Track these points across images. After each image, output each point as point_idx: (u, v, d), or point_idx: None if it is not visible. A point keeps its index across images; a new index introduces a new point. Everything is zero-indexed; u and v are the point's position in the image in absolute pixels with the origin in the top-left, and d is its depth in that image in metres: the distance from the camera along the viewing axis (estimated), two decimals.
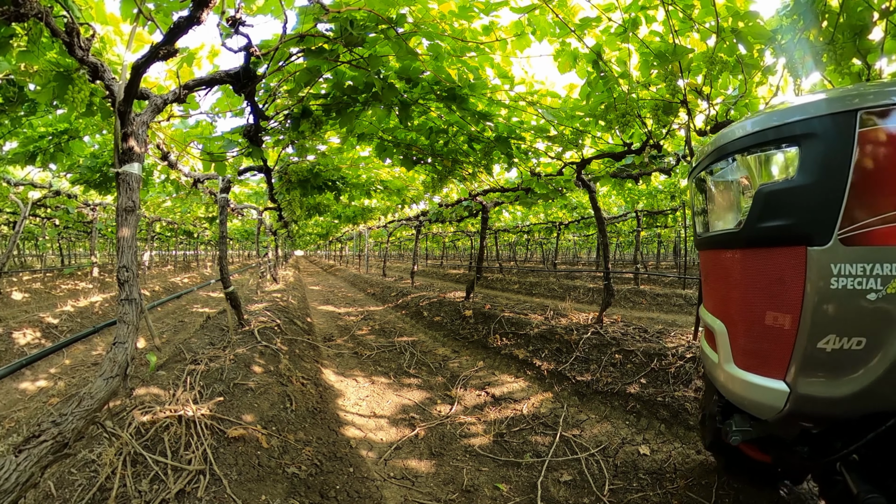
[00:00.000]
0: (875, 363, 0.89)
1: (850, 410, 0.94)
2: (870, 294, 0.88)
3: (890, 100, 0.89)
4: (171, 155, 3.89)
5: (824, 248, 0.91)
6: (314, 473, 2.06)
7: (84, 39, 1.78)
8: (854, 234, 0.88)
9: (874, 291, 0.87)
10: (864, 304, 0.89)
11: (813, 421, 1.03)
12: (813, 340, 0.93)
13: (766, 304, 1.00)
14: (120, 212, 1.74)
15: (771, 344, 0.99)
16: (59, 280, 11.47)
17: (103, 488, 1.66)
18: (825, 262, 0.91)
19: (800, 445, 1.11)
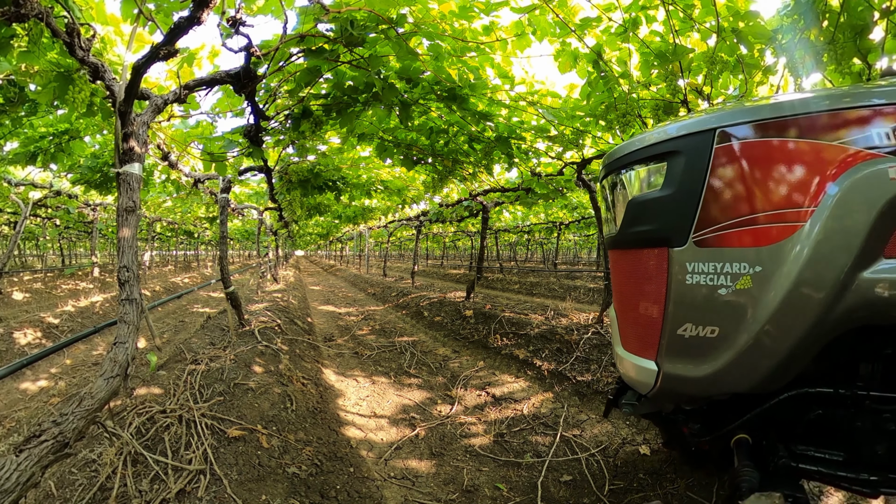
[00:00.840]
0: (727, 350, 1.01)
1: (708, 389, 1.08)
2: (721, 289, 1.00)
3: (744, 119, 1.00)
4: (171, 155, 3.89)
5: (682, 249, 1.04)
6: (314, 473, 2.06)
7: (85, 40, 1.78)
8: (706, 237, 1.01)
9: (725, 287, 1.00)
10: (716, 298, 1.01)
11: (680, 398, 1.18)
12: (674, 328, 1.07)
13: (640, 297, 1.15)
14: (120, 212, 1.74)
15: (644, 330, 1.14)
16: (60, 280, 11.48)
17: (104, 488, 1.66)
18: (682, 261, 1.04)
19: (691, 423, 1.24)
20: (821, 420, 1.12)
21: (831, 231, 0.91)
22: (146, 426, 2.03)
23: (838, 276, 0.90)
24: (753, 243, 0.97)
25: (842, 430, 1.10)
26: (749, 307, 0.99)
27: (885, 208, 0.87)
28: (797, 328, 0.95)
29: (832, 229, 0.91)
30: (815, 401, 1.12)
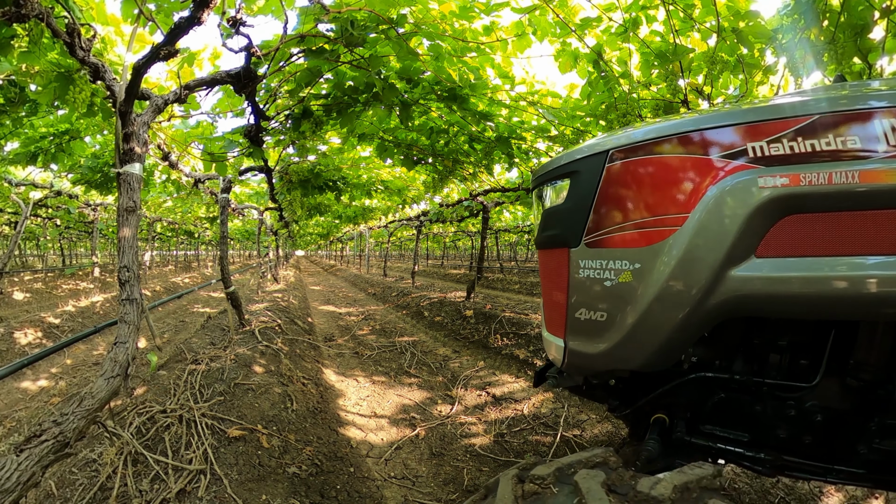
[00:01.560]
0: (614, 332, 1.18)
1: (604, 364, 1.25)
2: (606, 282, 1.18)
3: (630, 141, 1.14)
4: (171, 155, 3.90)
5: (577, 249, 1.25)
6: (315, 473, 2.06)
7: (85, 40, 1.78)
8: (594, 240, 1.21)
9: (609, 280, 1.17)
10: (603, 289, 1.19)
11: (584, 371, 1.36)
12: (573, 312, 1.27)
13: (553, 287, 1.38)
14: (121, 212, 1.74)
15: (556, 313, 1.35)
16: (61, 280, 11.49)
17: (104, 487, 1.66)
18: (577, 259, 1.25)
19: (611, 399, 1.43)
20: (724, 403, 1.25)
21: (702, 234, 1.03)
22: (146, 426, 2.03)
23: (708, 273, 1.02)
24: (633, 244, 1.13)
25: (744, 414, 1.23)
26: (630, 297, 1.14)
27: (754, 213, 0.97)
28: (673, 316, 1.08)
29: (703, 233, 1.03)
30: (718, 385, 1.25)
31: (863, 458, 1.09)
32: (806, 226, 0.95)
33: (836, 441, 1.15)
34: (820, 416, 1.13)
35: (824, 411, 1.13)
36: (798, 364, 1.16)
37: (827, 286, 0.93)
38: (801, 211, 0.95)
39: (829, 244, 0.93)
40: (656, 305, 1.09)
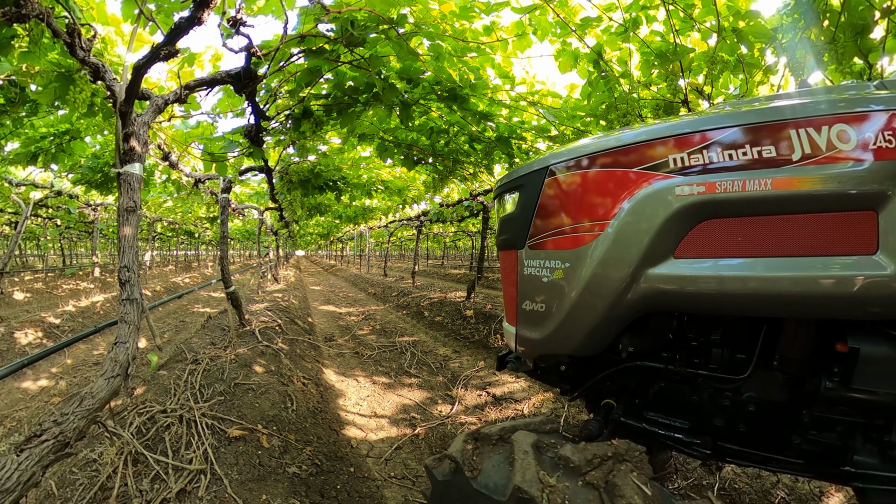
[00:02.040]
0: (551, 320, 1.34)
1: (543, 349, 1.42)
2: (543, 278, 1.34)
3: (565, 158, 1.29)
4: (172, 155, 3.90)
5: (522, 251, 1.43)
6: (315, 473, 2.06)
7: (85, 40, 1.78)
8: (534, 243, 1.38)
9: (546, 277, 1.33)
10: (541, 284, 1.35)
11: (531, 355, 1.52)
12: (521, 303, 1.46)
13: (508, 283, 1.56)
14: (121, 212, 1.74)
15: (511, 305, 1.55)
16: (61, 280, 11.50)
17: (104, 487, 1.66)
18: (523, 259, 1.43)
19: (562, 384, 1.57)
20: (664, 392, 1.38)
21: (620, 238, 1.14)
22: (147, 426, 2.03)
23: (627, 271, 1.13)
24: (564, 247, 1.29)
25: (683, 402, 1.34)
26: (562, 291, 1.29)
27: (671, 218, 1.05)
28: (597, 309, 1.22)
29: (621, 237, 1.14)
30: (656, 374, 1.36)
31: (799, 449, 1.16)
32: (722, 229, 1.03)
33: (771, 431, 1.23)
34: (753, 407, 1.21)
35: (757, 403, 1.21)
36: (732, 357, 1.23)
37: (740, 285, 1.00)
38: (717, 216, 1.03)
39: (744, 247, 1.00)
40: (583, 299, 1.25)
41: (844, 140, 0.90)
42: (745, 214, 1.00)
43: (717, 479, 2.10)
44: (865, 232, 0.89)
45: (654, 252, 1.09)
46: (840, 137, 0.90)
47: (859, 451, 1.08)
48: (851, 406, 1.05)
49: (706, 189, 1.01)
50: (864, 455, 1.07)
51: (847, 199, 0.90)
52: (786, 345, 1.13)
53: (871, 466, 1.05)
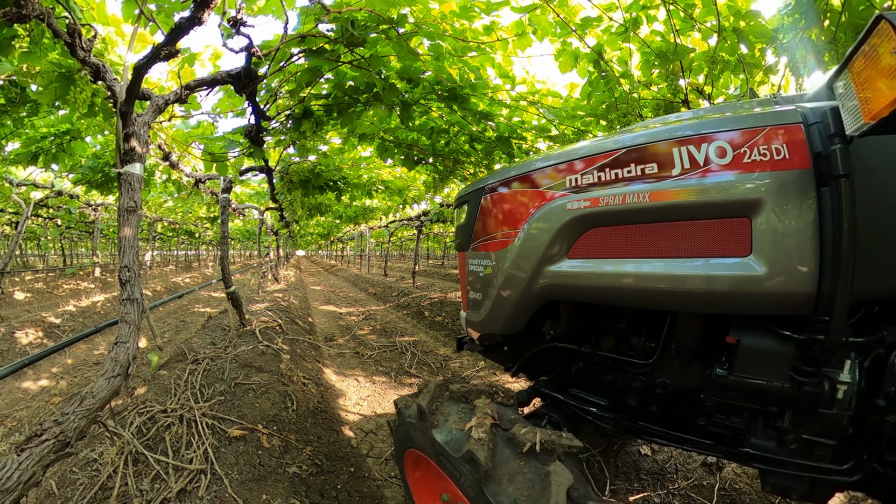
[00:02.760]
0: (485, 306, 1.62)
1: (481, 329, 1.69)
2: (480, 273, 1.64)
3: (495, 179, 1.58)
4: (172, 155, 3.90)
5: (468, 252, 1.75)
6: (315, 473, 2.06)
7: (86, 40, 1.78)
8: (475, 246, 1.68)
9: (481, 272, 1.63)
10: (479, 277, 1.64)
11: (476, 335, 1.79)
12: (468, 293, 1.77)
13: (462, 277, 1.88)
14: (122, 212, 1.74)
15: (463, 295, 1.87)
16: (62, 280, 11.51)
17: (105, 487, 1.66)
18: (468, 258, 1.75)
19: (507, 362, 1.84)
20: (584, 371, 1.59)
21: (527, 242, 1.37)
22: (147, 426, 2.04)
23: (531, 268, 1.36)
24: (492, 249, 1.57)
25: (599, 382, 1.54)
26: (491, 283, 1.56)
27: (563, 227, 1.26)
28: (512, 297, 1.46)
29: (528, 241, 1.37)
30: (576, 356, 1.58)
31: (704, 430, 1.30)
32: (605, 235, 1.20)
33: (680, 413, 1.38)
34: (661, 391, 1.35)
35: (665, 386, 1.35)
36: (641, 344, 1.42)
37: (619, 281, 1.16)
38: (601, 225, 1.20)
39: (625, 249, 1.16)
40: (502, 290, 1.51)
41: (721, 155, 0.99)
42: (625, 223, 1.15)
43: (717, 479, 2.10)
44: (740, 236, 0.97)
45: (551, 253, 1.31)
46: (718, 153, 1.00)
47: (756, 435, 1.18)
48: (739, 392, 1.16)
49: (591, 203, 1.19)
50: (761, 439, 1.17)
51: (723, 208, 0.99)
52: (681, 335, 1.26)
53: (767, 450, 1.14)
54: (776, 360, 1.04)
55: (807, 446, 1.08)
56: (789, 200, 0.93)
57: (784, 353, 1.03)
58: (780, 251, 0.93)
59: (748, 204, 0.95)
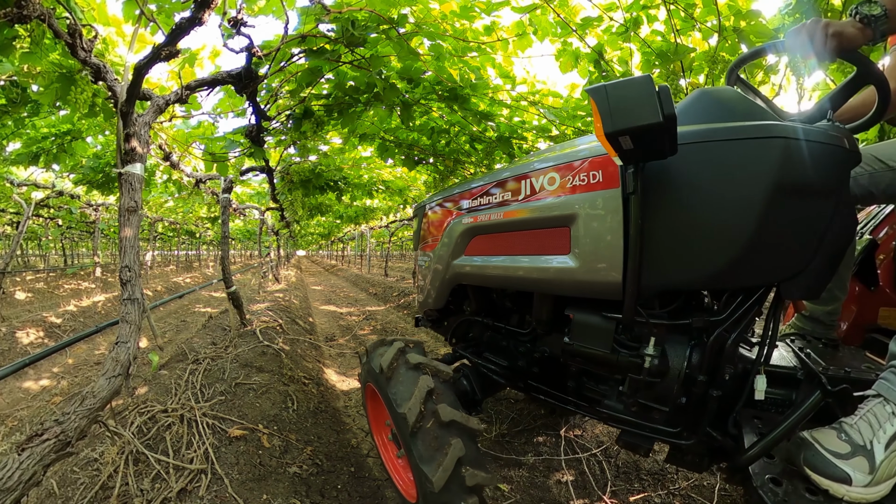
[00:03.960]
0: (427, 289, 2.07)
1: (425, 306, 2.17)
2: (423, 265, 2.14)
3: (431, 201, 2.06)
4: (173, 155, 3.90)
5: (418, 252, 2.25)
6: (315, 473, 2.06)
7: (86, 41, 1.79)
8: (420, 247, 2.20)
9: (423, 265, 2.13)
10: (422, 269, 2.14)
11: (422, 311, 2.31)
12: (418, 281, 2.30)
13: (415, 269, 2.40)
14: (122, 212, 1.74)
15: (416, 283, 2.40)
16: (62, 280, 11.53)
17: (105, 487, 1.67)
18: (417, 256, 2.29)
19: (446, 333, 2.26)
20: (490, 339, 1.99)
21: (443, 245, 1.83)
22: (148, 425, 2.04)
23: (445, 262, 1.81)
24: (427, 249, 2.06)
25: (499, 347, 1.90)
26: (429, 273, 2.01)
27: (461, 235, 1.70)
28: (436, 282, 1.93)
29: (444, 244, 1.83)
30: (483, 327, 1.99)
31: (574, 392, 1.55)
32: (483, 240, 1.63)
33: (556, 375, 1.64)
34: (538, 355, 1.67)
35: (540, 351, 1.66)
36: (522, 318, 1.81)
37: (492, 270, 1.56)
38: (481, 234, 1.63)
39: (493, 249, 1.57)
40: (432, 277, 1.96)
41: (551, 183, 1.30)
42: (493, 232, 1.56)
43: (717, 479, 2.10)
44: (562, 240, 1.26)
45: (456, 252, 1.75)
46: (549, 182, 1.31)
47: (609, 398, 1.41)
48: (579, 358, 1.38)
49: (474, 220, 1.64)
50: (612, 401, 1.40)
51: (549, 221, 1.30)
52: (538, 311, 1.59)
53: (617, 411, 1.36)
54: (600, 332, 1.30)
55: (645, 410, 1.29)
56: (599, 213, 1.16)
57: (605, 328, 1.28)
58: (588, 251, 1.19)
59: (567, 217, 1.24)
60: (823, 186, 1.02)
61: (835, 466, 0.95)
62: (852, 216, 1.09)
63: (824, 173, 1.01)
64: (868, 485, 0.93)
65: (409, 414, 1.43)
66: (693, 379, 1.17)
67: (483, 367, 1.87)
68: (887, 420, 0.94)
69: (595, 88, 0.92)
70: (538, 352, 1.66)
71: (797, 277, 1.06)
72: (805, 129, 0.99)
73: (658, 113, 0.85)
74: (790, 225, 1.02)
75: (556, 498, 2.10)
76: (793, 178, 0.98)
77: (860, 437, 0.96)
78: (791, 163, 0.97)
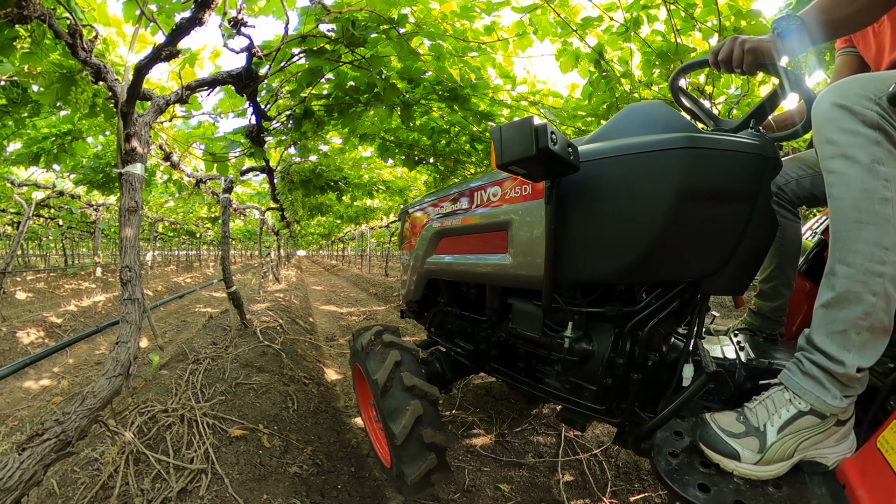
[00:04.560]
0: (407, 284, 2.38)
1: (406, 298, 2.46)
2: (405, 263, 2.45)
3: (411, 207, 2.36)
4: (173, 155, 3.90)
5: (402, 251, 2.57)
6: (316, 473, 2.06)
7: (87, 41, 1.79)
8: (403, 247, 2.54)
9: (405, 262, 2.45)
10: (405, 266, 2.45)
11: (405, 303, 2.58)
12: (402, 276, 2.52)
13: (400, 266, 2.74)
14: (123, 212, 1.74)
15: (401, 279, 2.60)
16: (63, 280, 11.54)
17: (106, 486, 1.67)
18: (401, 255, 2.59)
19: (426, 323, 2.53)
20: (459, 326, 2.22)
21: (419, 245, 2.09)
22: (148, 425, 2.04)
23: (420, 260, 2.08)
24: (407, 249, 2.36)
25: (466, 333, 2.14)
26: (408, 269, 2.34)
27: (432, 237, 1.97)
28: (414, 277, 2.22)
29: (419, 245, 2.09)
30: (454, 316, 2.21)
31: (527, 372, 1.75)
32: (448, 242, 1.89)
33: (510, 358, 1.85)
34: (495, 339, 1.89)
35: (496, 337, 1.89)
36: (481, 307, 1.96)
37: (454, 266, 1.81)
38: (446, 237, 1.90)
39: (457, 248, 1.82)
40: (412, 272, 2.23)
41: (494, 195, 1.56)
42: (454, 235, 1.83)
43: None
44: (502, 242, 1.49)
45: (429, 251, 2.01)
46: (493, 194, 1.57)
47: (549, 377, 1.63)
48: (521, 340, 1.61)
49: (441, 224, 1.91)
50: (552, 380, 1.61)
51: (493, 226, 1.55)
52: (490, 300, 1.82)
53: (556, 388, 1.55)
54: (532, 318, 1.51)
55: (578, 388, 1.45)
56: (528, 219, 1.37)
57: (535, 314, 1.49)
58: (519, 250, 1.41)
59: (505, 223, 1.47)
60: (736, 191, 1.11)
61: (725, 443, 1.02)
62: (772, 217, 1.18)
63: (736, 179, 1.11)
64: (757, 463, 0.98)
65: (380, 379, 1.70)
66: (614, 362, 1.30)
67: (453, 352, 2.11)
68: (783, 406, 1.00)
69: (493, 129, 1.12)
70: (495, 337, 1.89)
71: (716, 274, 1.16)
72: (714, 139, 1.09)
73: (533, 147, 1.01)
74: (701, 226, 1.13)
75: (556, 498, 2.10)
76: (697, 185, 1.08)
77: (756, 420, 1.02)
78: (695, 171, 1.08)
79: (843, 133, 0.93)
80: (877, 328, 0.91)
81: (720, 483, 1.00)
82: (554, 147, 1.02)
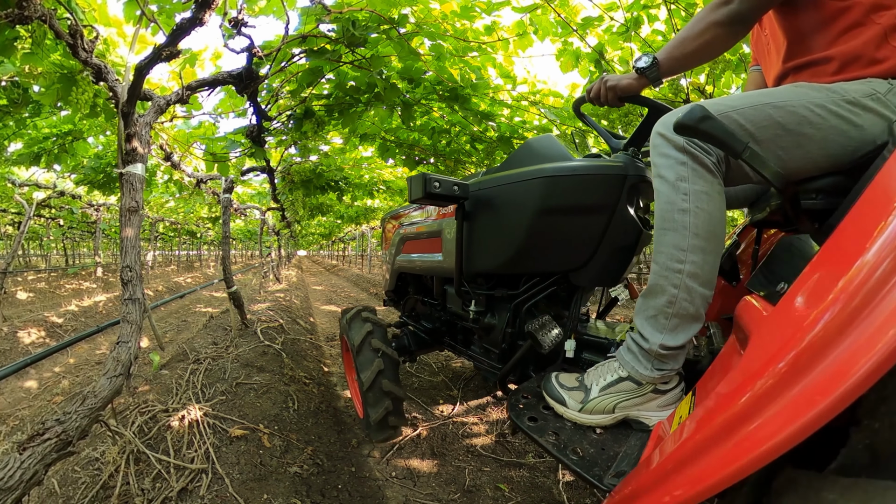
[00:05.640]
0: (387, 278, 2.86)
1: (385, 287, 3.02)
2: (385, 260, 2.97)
3: (389, 214, 2.86)
4: (173, 155, 3.91)
5: (383, 251, 3.05)
6: (316, 473, 2.06)
7: (87, 42, 1.79)
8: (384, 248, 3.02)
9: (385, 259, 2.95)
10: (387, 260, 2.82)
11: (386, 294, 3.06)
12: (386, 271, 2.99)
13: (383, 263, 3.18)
14: (123, 212, 1.75)
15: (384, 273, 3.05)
16: (64, 280, 11.55)
17: (106, 486, 1.67)
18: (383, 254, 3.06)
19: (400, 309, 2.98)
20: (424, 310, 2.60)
21: (392, 246, 2.55)
22: (148, 425, 2.04)
23: (392, 257, 2.54)
24: (385, 248, 2.87)
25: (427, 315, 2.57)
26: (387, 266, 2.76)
27: (399, 240, 2.45)
28: (390, 271, 2.65)
29: (392, 246, 2.55)
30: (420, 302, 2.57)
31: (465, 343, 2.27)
32: (409, 244, 2.34)
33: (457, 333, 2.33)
34: (444, 318, 2.31)
35: (449, 317, 2.27)
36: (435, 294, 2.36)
37: (413, 263, 2.30)
38: (408, 240, 2.35)
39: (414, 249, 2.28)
40: (388, 268, 2.69)
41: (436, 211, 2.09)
42: (414, 239, 2.29)
43: None
44: (438, 245, 1.99)
45: (399, 250, 2.47)
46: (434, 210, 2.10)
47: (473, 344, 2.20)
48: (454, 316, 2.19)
49: (406, 231, 2.39)
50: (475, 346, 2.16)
51: (434, 233, 2.03)
52: (437, 288, 2.31)
53: (478, 353, 2.10)
54: (455, 300, 2.04)
55: (488, 352, 1.95)
56: (450, 229, 1.86)
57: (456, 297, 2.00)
58: (447, 250, 1.90)
59: (438, 231, 1.97)
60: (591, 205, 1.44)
61: (557, 392, 1.30)
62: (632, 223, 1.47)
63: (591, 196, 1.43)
64: (580, 411, 1.24)
65: (355, 342, 2.13)
66: (506, 332, 1.75)
67: (418, 330, 2.56)
68: (611, 372, 1.24)
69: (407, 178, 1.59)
70: (444, 317, 2.32)
71: (582, 269, 1.53)
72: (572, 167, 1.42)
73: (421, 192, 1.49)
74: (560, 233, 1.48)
75: (556, 498, 2.10)
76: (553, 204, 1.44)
77: (588, 380, 1.28)
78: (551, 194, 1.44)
79: (659, 156, 1.12)
80: (683, 315, 1.10)
81: (549, 420, 1.26)
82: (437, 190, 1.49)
